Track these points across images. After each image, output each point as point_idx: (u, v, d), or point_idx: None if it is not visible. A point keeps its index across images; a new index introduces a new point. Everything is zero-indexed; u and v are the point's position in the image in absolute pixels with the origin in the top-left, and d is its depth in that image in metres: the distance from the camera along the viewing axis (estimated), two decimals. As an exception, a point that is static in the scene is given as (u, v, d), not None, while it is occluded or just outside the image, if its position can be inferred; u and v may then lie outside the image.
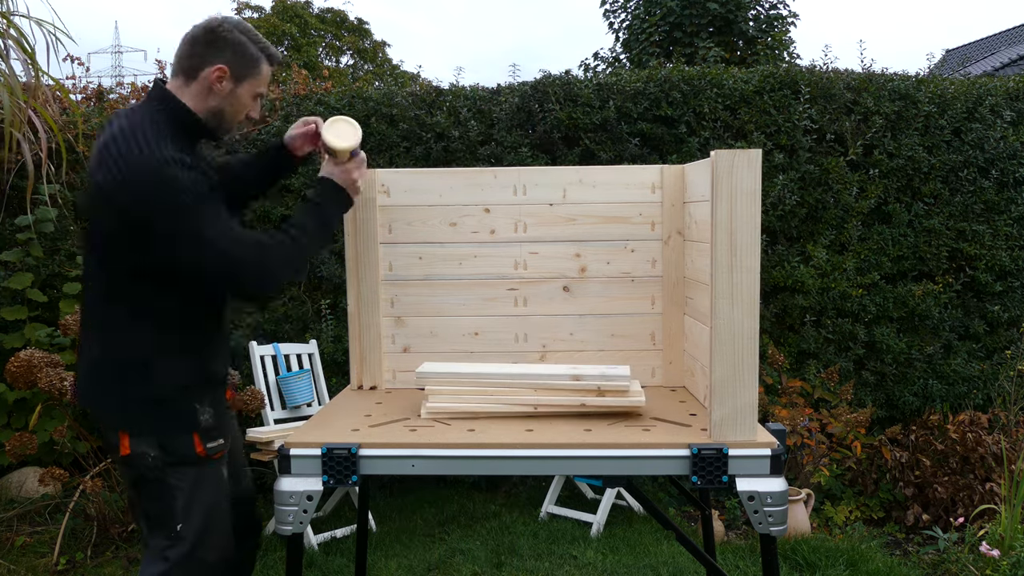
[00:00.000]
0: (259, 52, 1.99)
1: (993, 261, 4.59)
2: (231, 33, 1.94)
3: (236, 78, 1.96)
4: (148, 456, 1.90)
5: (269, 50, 2.02)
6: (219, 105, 1.97)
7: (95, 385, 1.97)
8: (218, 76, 1.94)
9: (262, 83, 2.02)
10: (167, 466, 1.92)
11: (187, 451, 1.94)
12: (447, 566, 3.60)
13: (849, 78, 4.61)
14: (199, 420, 1.96)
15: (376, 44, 24.71)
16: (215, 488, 2.01)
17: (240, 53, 1.95)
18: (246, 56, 1.96)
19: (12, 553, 3.69)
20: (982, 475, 4.05)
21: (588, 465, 1.94)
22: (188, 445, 1.94)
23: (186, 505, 1.93)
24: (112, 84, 5.99)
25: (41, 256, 4.39)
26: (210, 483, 1.99)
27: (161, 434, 1.92)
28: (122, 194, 1.79)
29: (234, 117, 2.01)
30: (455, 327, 2.59)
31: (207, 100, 1.96)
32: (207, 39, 1.93)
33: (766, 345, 4.42)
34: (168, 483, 1.92)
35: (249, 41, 1.97)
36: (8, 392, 4.12)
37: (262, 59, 2.00)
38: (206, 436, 1.97)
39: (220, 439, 2.01)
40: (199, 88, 1.95)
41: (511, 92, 4.66)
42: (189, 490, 1.94)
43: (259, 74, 2.01)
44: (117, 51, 25.07)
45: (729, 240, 1.88)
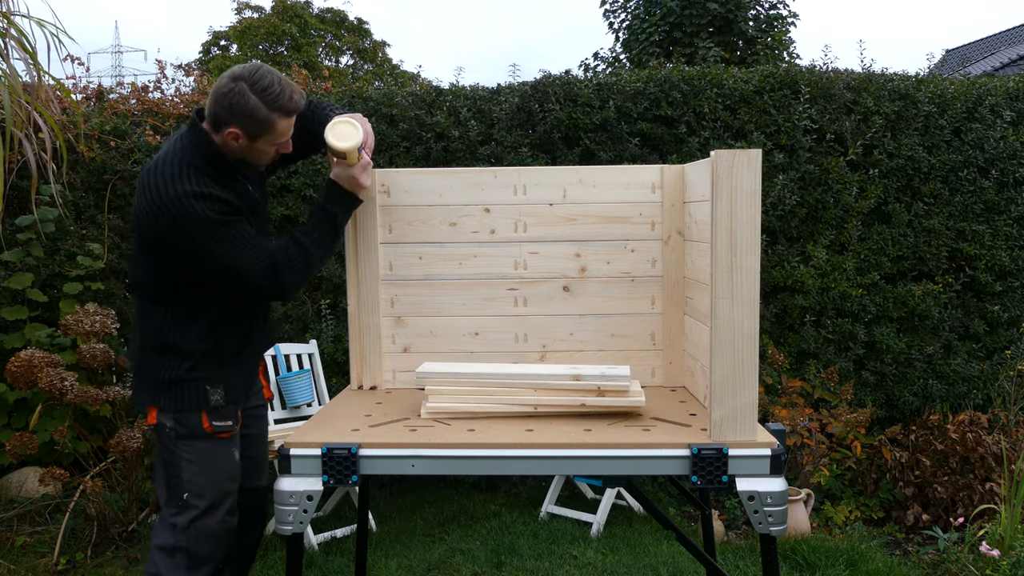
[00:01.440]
0: (270, 113, 2.09)
1: (993, 261, 4.59)
2: (243, 98, 2.06)
3: (250, 137, 2.12)
4: (165, 427, 2.21)
5: (283, 104, 2.10)
6: (241, 154, 2.17)
7: (136, 370, 2.31)
8: (233, 136, 2.11)
9: (279, 135, 2.15)
10: (179, 438, 2.20)
11: (195, 426, 2.20)
12: (447, 566, 3.60)
13: (849, 78, 4.61)
14: (209, 400, 2.21)
15: (376, 44, 24.71)
16: (222, 464, 2.24)
17: (251, 117, 2.08)
18: (256, 120, 2.09)
19: (12, 553, 3.69)
20: (982, 475, 4.05)
21: (588, 465, 1.95)
22: (197, 421, 2.20)
23: (192, 476, 2.19)
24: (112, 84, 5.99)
25: (41, 256, 4.39)
26: (217, 458, 2.23)
27: (176, 410, 2.20)
28: (148, 223, 2.10)
29: (258, 161, 2.20)
30: (455, 327, 2.60)
31: (230, 146, 2.14)
32: (223, 102, 2.08)
33: (766, 345, 4.42)
34: (178, 454, 2.20)
35: (262, 103, 2.07)
36: (8, 392, 4.12)
37: (274, 118, 2.10)
38: (214, 415, 2.22)
39: (229, 420, 2.24)
40: (221, 139, 2.14)
41: (511, 92, 4.66)
42: (196, 462, 2.20)
43: (273, 131, 2.13)
44: (117, 51, 25.08)
45: (729, 240, 1.88)
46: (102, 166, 4.59)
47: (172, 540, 2.19)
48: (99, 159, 4.58)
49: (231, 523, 2.28)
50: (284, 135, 2.17)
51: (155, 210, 2.06)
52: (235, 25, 22.85)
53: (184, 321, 2.21)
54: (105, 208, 4.59)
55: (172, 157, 2.11)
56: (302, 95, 2.17)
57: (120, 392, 3.84)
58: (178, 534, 2.19)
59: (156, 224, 2.07)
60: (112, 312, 3.95)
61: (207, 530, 2.21)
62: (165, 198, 2.05)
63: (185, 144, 2.15)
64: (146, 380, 2.25)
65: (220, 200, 2.09)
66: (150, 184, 2.08)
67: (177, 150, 2.13)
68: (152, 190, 2.07)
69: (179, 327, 2.21)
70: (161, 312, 2.22)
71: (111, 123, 4.69)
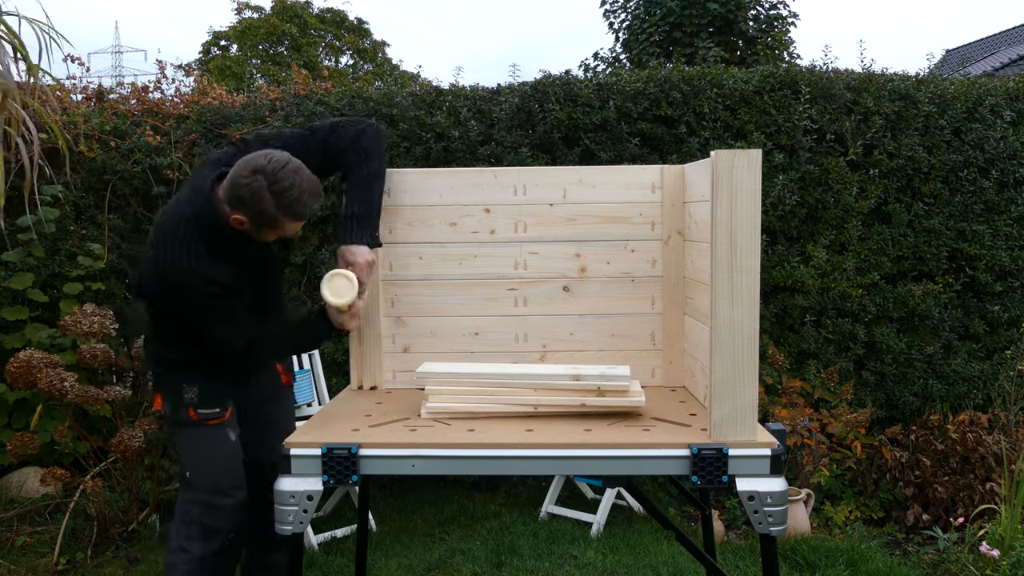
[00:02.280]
0: (279, 215, 2.18)
1: (993, 261, 4.59)
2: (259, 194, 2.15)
3: (256, 227, 2.24)
4: (165, 414, 2.50)
5: (296, 210, 2.19)
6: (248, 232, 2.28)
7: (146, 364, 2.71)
8: (238, 222, 2.23)
9: (285, 231, 2.27)
10: (175, 425, 2.46)
11: (183, 416, 2.42)
12: (447, 566, 3.60)
13: (849, 78, 4.61)
14: (183, 396, 2.40)
15: (376, 44, 24.72)
16: (216, 446, 2.43)
17: (260, 213, 2.18)
18: (265, 216, 2.19)
19: (12, 553, 3.69)
20: (982, 475, 4.05)
21: (588, 465, 1.95)
22: (184, 411, 2.41)
23: (191, 458, 2.43)
24: (112, 84, 5.98)
25: (42, 256, 4.39)
26: (211, 442, 2.42)
27: (167, 401, 2.46)
28: (151, 278, 2.33)
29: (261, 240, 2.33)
30: (455, 327, 2.60)
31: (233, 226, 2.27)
32: (238, 192, 2.17)
33: (766, 345, 4.42)
34: (177, 439, 2.50)
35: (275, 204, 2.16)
36: (9, 392, 4.11)
37: (283, 220, 2.21)
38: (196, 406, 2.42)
39: (216, 408, 2.41)
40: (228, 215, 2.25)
41: (511, 92, 4.66)
42: (192, 446, 2.44)
43: (279, 228, 2.25)
44: (117, 51, 25.10)
45: (729, 240, 1.88)
46: (102, 166, 4.59)
47: (185, 514, 2.41)
48: (99, 159, 4.58)
49: (238, 497, 2.43)
50: (290, 233, 2.29)
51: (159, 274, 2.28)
52: (235, 25, 22.85)
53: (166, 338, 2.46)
54: (105, 208, 4.59)
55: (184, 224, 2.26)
56: (318, 198, 2.26)
57: (120, 392, 3.84)
58: (189, 508, 2.41)
59: (157, 283, 2.31)
60: (110, 312, 3.95)
61: (213, 504, 2.40)
62: (170, 267, 2.25)
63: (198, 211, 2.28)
64: (150, 366, 2.57)
65: (217, 283, 2.24)
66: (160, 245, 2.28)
67: (189, 215, 2.27)
68: (161, 251, 2.27)
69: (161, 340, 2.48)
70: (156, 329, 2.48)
71: (111, 123, 4.68)
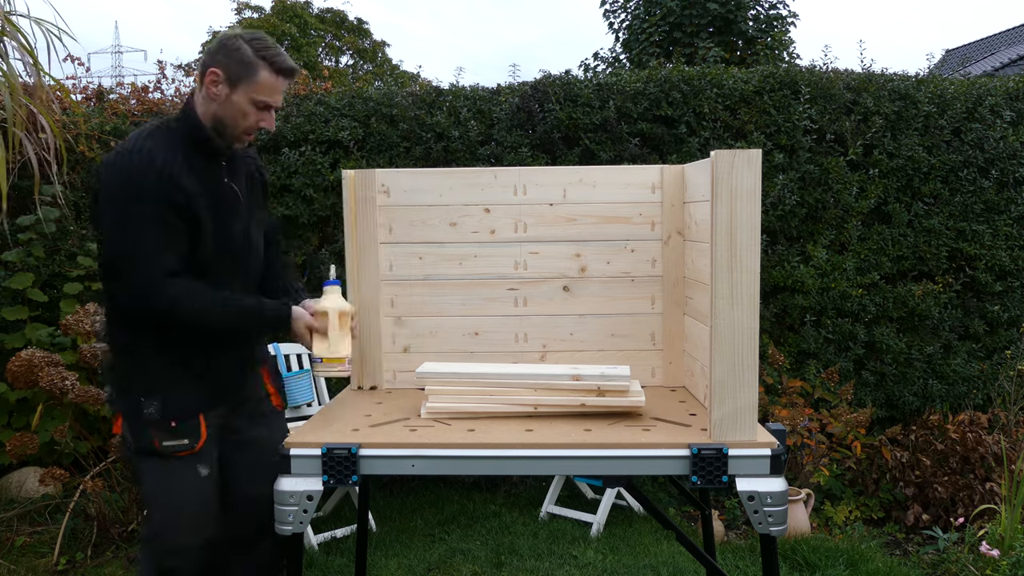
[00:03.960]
0: (257, 58, 1.98)
1: (993, 261, 4.59)
2: (233, 40, 1.99)
3: (230, 82, 1.98)
4: (125, 438, 2.12)
5: (275, 59, 2.00)
6: (218, 112, 2.01)
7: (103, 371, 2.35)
8: (212, 80, 1.98)
9: (261, 90, 2.00)
10: (136, 452, 2.09)
11: (144, 443, 2.06)
12: (447, 566, 3.60)
13: (849, 78, 4.61)
14: (142, 412, 2.04)
15: (376, 44, 24.70)
16: (185, 484, 2.08)
17: (235, 58, 1.97)
18: (241, 61, 1.97)
19: (12, 553, 3.69)
20: (982, 475, 4.05)
21: (588, 465, 1.95)
22: (147, 437, 2.05)
23: (153, 494, 2.10)
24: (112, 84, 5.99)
25: (42, 256, 4.39)
26: (178, 478, 2.07)
27: (126, 420, 2.09)
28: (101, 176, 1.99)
29: (234, 125, 2.02)
30: (455, 327, 2.60)
31: (208, 106, 2.01)
32: (212, 47, 2.00)
33: (766, 345, 4.42)
34: (137, 466, 2.11)
35: (251, 49, 1.98)
36: (9, 392, 4.11)
37: (260, 64, 1.99)
38: (160, 431, 2.04)
39: (184, 439, 2.05)
40: (203, 94, 2.01)
41: (511, 92, 4.66)
42: (155, 480, 2.08)
43: (254, 79, 1.99)
44: (117, 51, 25.05)
45: (729, 240, 1.88)
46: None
47: (147, 555, 2.14)
48: (99, 159, 4.58)
49: (203, 537, 2.11)
50: (267, 93, 2.01)
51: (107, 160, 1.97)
52: (235, 25, 22.85)
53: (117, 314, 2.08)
54: (105, 208, 4.58)
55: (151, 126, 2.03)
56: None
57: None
58: (150, 549, 2.12)
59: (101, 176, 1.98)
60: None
61: (175, 548, 2.09)
62: (121, 148, 1.97)
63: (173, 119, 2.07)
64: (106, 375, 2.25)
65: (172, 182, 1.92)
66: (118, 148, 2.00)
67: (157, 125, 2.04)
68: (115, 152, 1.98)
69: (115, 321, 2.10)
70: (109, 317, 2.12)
71: (111, 123, 4.69)
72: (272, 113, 2.07)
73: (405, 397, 2.47)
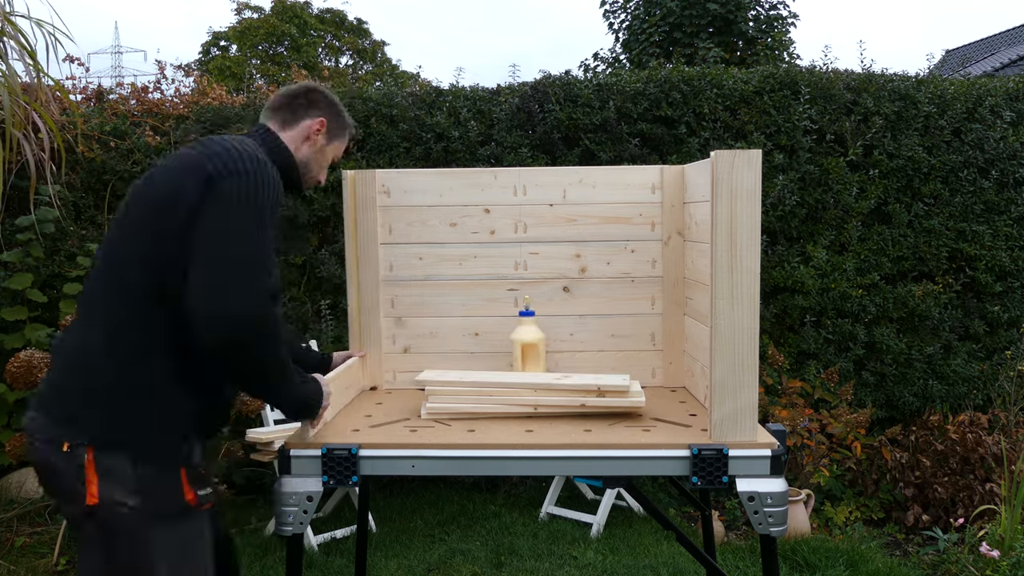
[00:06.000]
0: (348, 120, 2.10)
1: (993, 261, 4.59)
2: (331, 95, 2.07)
3: (329, 135, 2.04)
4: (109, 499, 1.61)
5: (354, 127, 2.14)
6: (310, 156, 2.01)
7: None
8: (317, 129, 1.99)
9: (342, 148, 2.11)
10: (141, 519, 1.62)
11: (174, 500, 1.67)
12: (447, 566, 3.60)
13: (849, 78, 4.61)
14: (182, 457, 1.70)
15: (375, 44, 24.71)
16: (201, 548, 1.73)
17: (337, 113, 2.06)
18: (341, 117, 2.07)
19: (12, 553, 3.69)
20: (982, 475, 4.05)
21: (588, 465, 1.94)
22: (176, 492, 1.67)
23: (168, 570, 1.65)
24: (112, 84, 5.98)
25: (41, 257, 4.39)
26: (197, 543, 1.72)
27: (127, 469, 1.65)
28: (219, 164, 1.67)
29: (314, 175, 2.05)
30: (455, 327, 2.59)
31: (300, 149, 1.99)
32: (309, 97, 2.01)
33: (766, 345, 4.42)
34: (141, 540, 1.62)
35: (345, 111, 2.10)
36: (8, 392, 4.11)
37: (349, 128, 2.10)
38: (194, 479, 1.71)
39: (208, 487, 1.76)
40: (296, 135, 1.98)
41: (511, 92, 4.66)
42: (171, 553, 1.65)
43: (345, 138, 2.10)
44: (117, 51, 25.04)
45: (729, 240, 1.88)
46: (102, 166, 4.59)
47: None
48: (99, 160, 4.58)
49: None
50: (341, 154, 2.13)
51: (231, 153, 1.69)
52: (235, 26, 22.84)
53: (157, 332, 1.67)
54: (105, 208, 4.58)
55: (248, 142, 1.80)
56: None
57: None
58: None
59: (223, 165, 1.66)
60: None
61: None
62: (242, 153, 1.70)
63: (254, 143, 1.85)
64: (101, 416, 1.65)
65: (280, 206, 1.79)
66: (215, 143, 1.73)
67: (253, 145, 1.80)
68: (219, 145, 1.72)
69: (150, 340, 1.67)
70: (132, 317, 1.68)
71: (111, 123, 4.68)
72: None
73: (405, 397, 2.46)
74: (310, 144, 1.99)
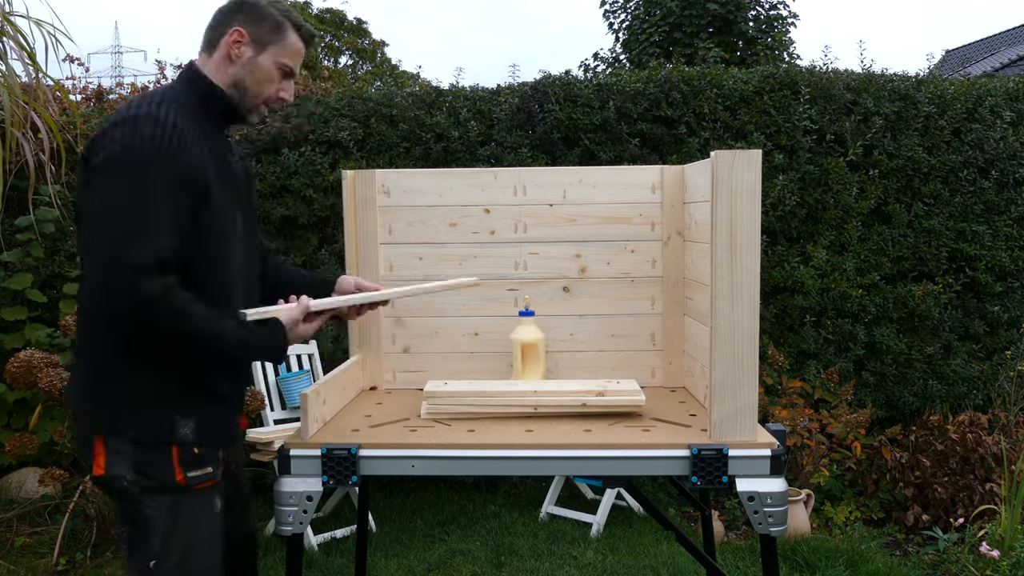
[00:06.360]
0: (283, 18, 1.82)
1: (993, 262, 4.59)
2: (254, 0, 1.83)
3: (256, 43, 1.80)
4: (112, 473, 1.72)
5: (300, 23, 1.84)
6: (239, 75, 1.81)
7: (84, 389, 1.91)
8: (235, 40, 1.79)
9: (287, 53, 1.84)
10: (140, 493, 1.72)
11: (163, 475, 1.73)
12: (447, 566, 3.60)
13: (849, 78, 4.61)
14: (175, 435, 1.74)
15: (375, 43, 24.70)
16: (203, 523, 1.79)
17: (259, 16, 1.81)
18: (266, 20, 1.81)
19: (12, 553, 3.69)
20: (982, 475, 4.05)
21: (588, 465, 1.94)
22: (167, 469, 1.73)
23: (165, 541, 1.73)
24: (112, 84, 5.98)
25: (41, 257, 4.39)
26: (196, 517, 1.78)
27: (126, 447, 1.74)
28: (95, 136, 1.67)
29: (258, 90, 1.83)
30: (455, 327, 2.59)
31: (227, 69, 1.81)
32: (229, 7, 1.82)
33: (766, 345, 4.42)
34: (142, 509, 1.72)
35: (275, 10, 1.82)
36: (8, 392, 4.11)
37: (286, 25, 1.83)
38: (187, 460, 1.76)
39: (208, 466, 1.79)
40: (219, 57, 1.81)
41: (511, 92, 4.66)
42: (170, 523, 1.73)
43: (283, 41, 1.83)
44: (117, 51, 25.04)
45: (729, 240, 1.88)
46: (102, 166, 4.59)
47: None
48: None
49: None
50: (292, 57, 1.84)
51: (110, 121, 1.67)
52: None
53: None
54: (105, 208, 4.58)
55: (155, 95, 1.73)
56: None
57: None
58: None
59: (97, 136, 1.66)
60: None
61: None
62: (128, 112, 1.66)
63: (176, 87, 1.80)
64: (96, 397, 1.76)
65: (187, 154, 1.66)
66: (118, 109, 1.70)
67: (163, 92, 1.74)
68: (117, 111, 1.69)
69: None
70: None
71: (111, 123, 4.68)
72: (292, 82, 1.89)
73: (405, 397, 2.46)
74: (234, 62, 1.80)
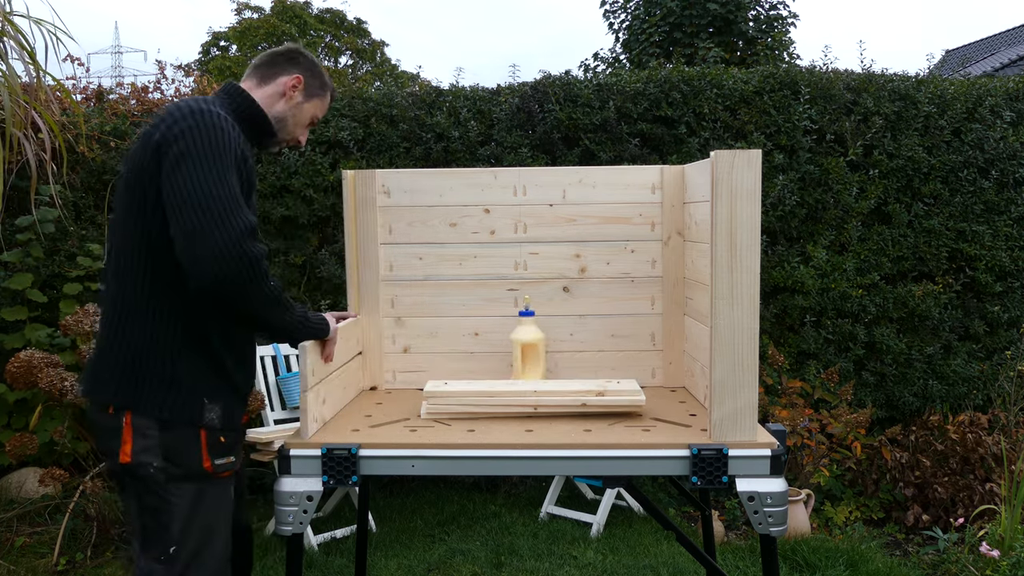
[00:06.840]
0: (327, 80, 2.14)
1: (993, 261, 4.59)
2: (311, 56, 2.13)
3: (307, 92, 2.08)
4: (139, 465, 1.80)
5: (333, 88, 2.18)
6: (286, 112, 2.06)
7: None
8: (294, 84, 2.05)
9: (322, 109, 2.15)
10: (166, 480, 1.80)
11: (191, 463, 1.82)
12: (447, 566, 3.60)
13: (849, 78, 4.61)
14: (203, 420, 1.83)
15: (375, 43, 24.71)
16: (222, 511, 1.89)
17: (315, 72, 2.10)
18: (318, 77, 2.10)
19: (12, 554, 3.69)
20: (982, 475, 4.05)
21: (588, 465, 1.94)
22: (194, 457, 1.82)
23: (186, 528, 1.82)
24: (112, 84, 5.98)
25: (41, 257, 4.39)
26: (217, 505, 1.87)
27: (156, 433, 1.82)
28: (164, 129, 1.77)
29: (292, 131, 2.09)
30: (455, 327, 2.60)
31: (275, 104, 2.04)
32: (289, 55, 2.08)
33: (766, 345, 4.42)
34: (164, 497, 1.80)
35: (324, 71, 2.14)
36: (8, 392, 4.11)
37: (328, 87, 2.14)
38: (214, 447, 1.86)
39: (231, 455, 1.89)
40: (272, 91, 2.04)
41: (511, 92, 4.66)
42: (191, 511, 1.82)
43: (323, 97, 2.13)
44: (117, 51, 25.07)
45: (729, 240, 1.88)
46: (102, 166, 4.59)
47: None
48: (99, 160, 4.58)
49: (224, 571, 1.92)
50: (321, 113, 2.16)
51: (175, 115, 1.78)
52: (235, 26, 22.85)
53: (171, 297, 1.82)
54: (105, 208, 4.58)
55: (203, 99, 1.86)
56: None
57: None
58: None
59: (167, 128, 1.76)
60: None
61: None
62: (183, 110, 1.78)
63: (219, 99, 1.94)
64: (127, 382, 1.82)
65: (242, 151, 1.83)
66: (165, 109, 1.83)
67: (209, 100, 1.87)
68: (166, 110, 1.82)
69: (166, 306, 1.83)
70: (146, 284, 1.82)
71: (111, 123, 4.69)
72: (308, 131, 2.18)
73: (405, 397, 2.46)
74: (286, 100, 2.05)
